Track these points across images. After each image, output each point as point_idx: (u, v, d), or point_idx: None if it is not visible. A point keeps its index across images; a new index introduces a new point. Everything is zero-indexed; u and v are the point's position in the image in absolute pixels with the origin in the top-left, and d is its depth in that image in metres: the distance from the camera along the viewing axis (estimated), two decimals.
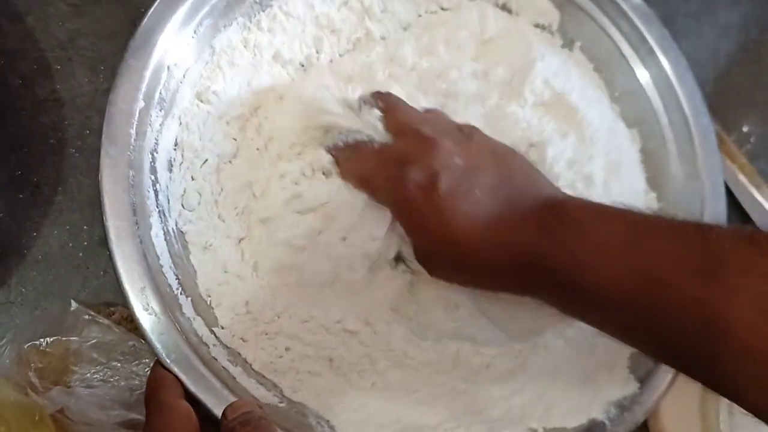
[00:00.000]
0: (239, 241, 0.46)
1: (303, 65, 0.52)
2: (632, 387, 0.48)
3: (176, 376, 0.39)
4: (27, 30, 0.51)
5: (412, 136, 0.43)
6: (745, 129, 0.66)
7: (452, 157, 0.42)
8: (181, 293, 0.42)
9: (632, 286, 0.37)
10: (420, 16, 0.57)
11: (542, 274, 0.40)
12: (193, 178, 0.46)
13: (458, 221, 0.41)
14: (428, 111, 0.47)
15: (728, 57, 0.68)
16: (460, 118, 0.49)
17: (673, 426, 0.50)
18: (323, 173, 0.46)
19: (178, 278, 0.43)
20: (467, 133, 0.45)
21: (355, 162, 0.45)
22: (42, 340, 0.41)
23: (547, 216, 0.40)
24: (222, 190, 0.47)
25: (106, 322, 0.42)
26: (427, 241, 0.42)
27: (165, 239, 0.43)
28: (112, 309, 0.46)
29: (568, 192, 0.47)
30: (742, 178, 0.63)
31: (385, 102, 0.45)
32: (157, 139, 0.45)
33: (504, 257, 0.41)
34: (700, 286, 0.34)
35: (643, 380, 0.48)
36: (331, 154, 0.45)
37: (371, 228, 0.45)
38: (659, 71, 0.57)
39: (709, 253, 0.35)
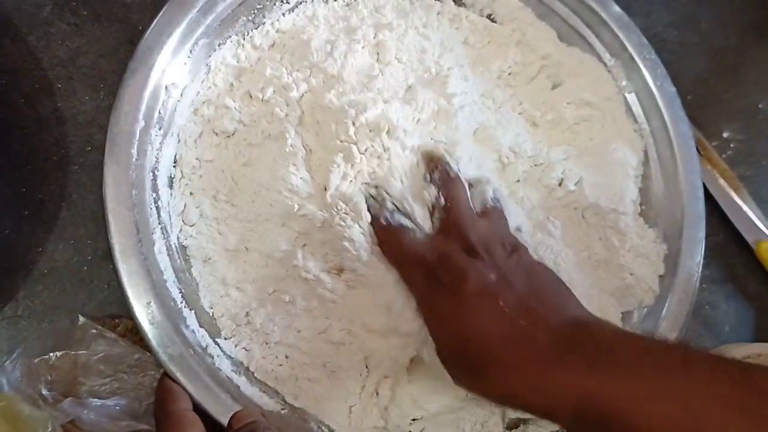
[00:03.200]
0: (237, 254, 0.47)
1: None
2: None
3: (182, 387, 0.40)
4: (29, 49, 0.52)
5: (457, 239, 0.44)
6: (725, 135, 0.68)
7: (487, 271, 0.42)
8: (184, 306, 0.44)
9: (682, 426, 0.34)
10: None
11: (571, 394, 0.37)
12: (192, 194, 0.48)
13: (476, 325, 0.41)
14: (485, 212, 0.47)
15: (709, 64, 0.70)
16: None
17: None
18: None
19: (181, 292, 0.44)
20: (510, 250, 0.45)
21: (395, 245, 0.45)
22: (51, 354, 0.43)
23: (574, 336, 0.40)
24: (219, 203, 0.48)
25: (113, 335, 0.44)
26: (445, 339, 0.42)
27: (168, 254, 0.45)
28: (117, 321, 0.47)
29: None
30: (722, 182, 0.65)
31: (447, 190, 0.46)
32: (157, 158, 0.46)
33: (517, 371, 0.39)
34: (749, 427, 0.33)
35: None
36: (374, 229, 0.46)
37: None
38: (639, 79, 0.59)
39: (756, 392, 0.34)
